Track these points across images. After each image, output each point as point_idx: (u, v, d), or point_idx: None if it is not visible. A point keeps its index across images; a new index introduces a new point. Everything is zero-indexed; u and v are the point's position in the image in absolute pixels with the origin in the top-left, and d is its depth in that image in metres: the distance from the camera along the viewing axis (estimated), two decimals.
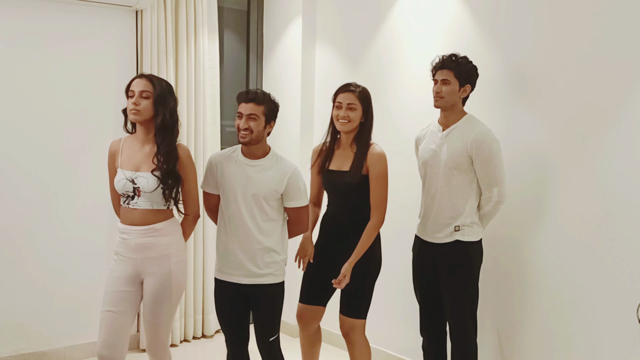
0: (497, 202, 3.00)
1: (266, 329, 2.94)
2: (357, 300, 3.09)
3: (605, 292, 2.93)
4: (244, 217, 2.86)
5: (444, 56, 3.02)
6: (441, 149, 3.03)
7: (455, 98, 3.00)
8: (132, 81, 2.79)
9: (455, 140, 2.99)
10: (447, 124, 3.06)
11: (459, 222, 3.00)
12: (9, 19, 3.68)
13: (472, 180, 3.00)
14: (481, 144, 2.92)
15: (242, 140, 2.85)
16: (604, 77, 2.91)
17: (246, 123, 2.82)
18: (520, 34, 3.23)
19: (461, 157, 2.96)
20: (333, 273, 3.07)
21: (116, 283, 2.81)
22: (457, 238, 3.01)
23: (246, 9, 4.67)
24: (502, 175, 2.98)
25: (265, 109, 2.85)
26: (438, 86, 3.00)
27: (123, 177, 2.78)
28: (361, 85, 3.12)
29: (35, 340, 3.87)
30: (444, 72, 2.99)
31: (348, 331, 3.13)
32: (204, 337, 4.47)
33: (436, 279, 3.10)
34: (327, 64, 4.41)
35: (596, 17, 2.93)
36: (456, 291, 3.02)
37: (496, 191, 2.97)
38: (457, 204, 3.00)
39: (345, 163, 3.09)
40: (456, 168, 2.98)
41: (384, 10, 3.98)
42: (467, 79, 3.00)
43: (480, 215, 3.06)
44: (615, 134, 2.87)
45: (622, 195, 2.85)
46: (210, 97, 4.37)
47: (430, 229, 3.09)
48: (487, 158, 2.93)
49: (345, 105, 3.04)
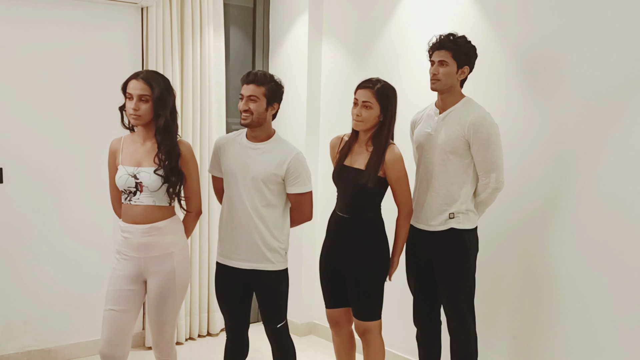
0: (494, 189, 2.90)
1: (271, 316, 2.93)
2: (367, 303, 3.03)
3: (624, 293, 2.85)
4: (243, 201, 2.84)
5: (441, 36, 2.90)
6: (437, 133, 2.93)
7: (453, 80, 2.89)
8: (129, 81, 2.75)
9: (452, 123, 2.89)
10: (444, 107, 2.95)
11: (454, 209, 2.91)
12: (15, 17, 3.67)
13: (468, 166, 2.90)
14: (479, 127, 2.82)
15: (243, 122, 2.83)
16: (619, 69, 2.84)
17: (246, 105, 2.80)
18: (529, 29, 3.18)
19: (458, 141, 2.86)
20: (345, 272, 3.04)
21: (119, 282, 2.81)
22: (452, 226, 2.92)
23: (252, 6, 4.64)
24: (501, 161, 2.87)
25: (266, 90, 2.80)
26: (435, 67, 2.89)
27: (125, 172, 2.77)
28: (384, 81, 2.96)
29: (41, 338, 3.88)
30: (442, 52, 2.86)
31: (363, 333, 3.07)
32: (210, 335, 4.46)
33: (430, 267, 3.02)
34: (333, 60, 4.38)
35: (609, 9, 2.87)
36: (452, 280, 2.94)
37: (494, 177, 2.87)
38: (452, 190, 2.91)
39: (359, 160, 2.98)
40: (452, 152, 2.88)
41: (391, 6, 3.94)
42: (465, 60, 2.87)
43: (476, 202, 2.96)
44: (629, 120, 2.79)
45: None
46: (216, 94, 4.35)
47: (423, 216, 3.00)
48: (485, 142, 2.83)
49: (361, 102, 2.91)
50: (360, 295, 3.02)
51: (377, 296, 3.05)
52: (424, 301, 3.13)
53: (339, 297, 3.14)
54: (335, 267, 3.09)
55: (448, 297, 2.98)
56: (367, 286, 3.01)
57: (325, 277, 3.15)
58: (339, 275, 3.09)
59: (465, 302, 2.96)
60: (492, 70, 3.30)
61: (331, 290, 3.15)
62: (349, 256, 3.01)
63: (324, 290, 3.19)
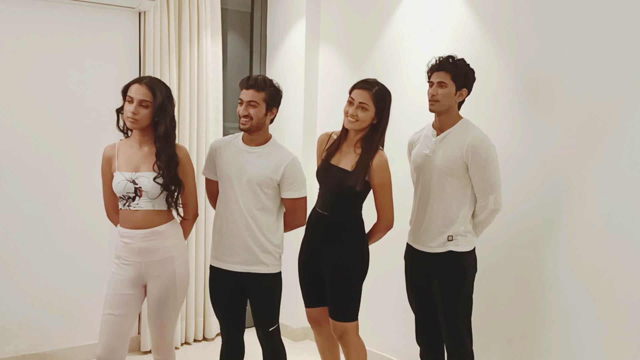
0: (492, 211, 2.90)
1: (264, 319, 2.92)
2: (345, 303, 3.03)
3: (616, 303, 2.87)
4: (238, 203, 2.84)
5: (440, 57, 2.91)
6: (435, 154, 2.93)
7: (451, 102, 2.89)
8: (131, 85, 2.75)
9: (450, 145, 2.89)
10: (442, 128, 2.95)
11: (452, 231, 2.91)
12: (12, 20, 3.67)
13: (466, 187, 2.90)
14: (477, 149, 2.82)
15: (242, 127, 2.82)
16: (616, 82, 2.85)
17: (246, 110, 2.79)
18: (526, 37, 3.19)
19: (456, 162, 2.86)
20: (324, 271, 3.04)
21: (119, 286, 2.80)
22: (451, 249, 2.92)
23: (249, 11, 4.65)
24: (499, 183, 2.88)
25: (266, 96, 2.80)
26: (434, 89, 2.90)
27: (123, 178, 2.76)
28: (381, 83, 2.96)
29: (36, 342, 3.87)
30: (441, 74, 2.87)
31: (341, 334, 3.07)
32: (205, 340, 4.46)
33: (430, 287, 3.03)
34: (330, 66, 4.39)
35: (606, 21, 2.89)
36: (450, 301, 2.94)
37: (492, 199, 2.87)
38: (451, 211, 2.90)
39: (345, 161, 2.98)
40: (450, 174, 2.88)
41: (388, 13, 3.96)
42: (464, 82, 2.88)
43: (474, 223, 2.97)
44: (628, 139, 2.81)
45: (636, 203, 2.80)
46: (213, 99, 4.36)
47: (422, 237, 3.00)
48: (484, 164, 2.83)
49: (357, 102, 2.90)
50: (338, 296, 3.02)
51: (355, 297, 3.04)
52: (425, 320, 3.12)
53: (317, 295, 3.14)
54: (313, 265, 3.08)
55: (445, 315, 2.98)
56: (345, 286, 3.01)
57: (304, 276, 3.16)
58: (316, 273, 3.08)
59: (461, 320, 2.96)
60: (489, 83, 3.30)
61: (309, 288, 3.16)
62: (328, 254, 3.01)
63: (302, 289, 3.19)
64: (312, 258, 3.09)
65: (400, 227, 3.54)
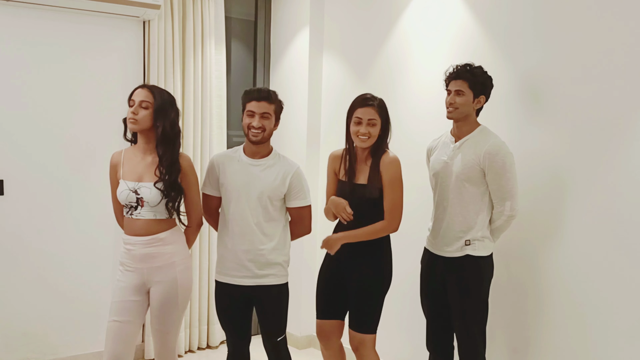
0: (509, 217, 2.92)
1: (273, 329, 2.93)
2: (366, 315, 3.03)
3: (624, 308, 2.85)
4: (247, 217, 2.85)
5: (458, 66, 2.95)
6: (453, 161, 2.97)
7: (469, 109, 2.93)
8: (135, 91, 2.82)
9: (468, 152, 2.92)
10: (460, 135, 2.99)
11: (470, 236, 2.93)
12: (18, 30, 3.70)
13: (484, 193, 2.93)
14: (494, 156, 2.85)
15: (254, 139, 2.84)
16: (618, 85, 2.85)
17: (260, 122, 2.82)
18: (529, 41, 3.20)
19: (473, 169, 2.89)
20: (347, 286, 3.04)
21: (123, 293, 2.82)
22: (468, 253, 2.94)
23: (253, 19, 4.67)
24: (515, 189, 2.90)
25: (275, 108, 2.87)
26: (452, 97, 2.94)
27: (126, 188, 2.79)
28: (377, 96, 3.01)
29: (41, 349, 3.88)
30: (458, 82, 2.91)
31: (357, 346, 3.06)
32: (209, 348, 4.46)
33: (445, 292, 3.03)
34: (334, 74, 4.40)
35: (607, 24, 2.89)
36: (466, 306, 2.95)
37: (509, 205, 2.89)
38: (469, 217, 2.93)
39: (361, 176, 3.01)
40: (468, 180, 2.91)
41: (392, 21, 3.97)
42: (481, 89, 2.93)
43: (491, 229, 2.99)
44: (630, 142, 2.81)
45: (639, 205, 2.78)
46: (217, 107, 4.37)
47: (440, 242, 3.03)
48: (500, 171, 2.86)
49: (366, 121, 2.93)
50: (360, 307, 3.02)
51: (376, 310, 3.05)
52: (438, 326, 3.13)
53: (333, 308, 3.14)
54: (336, 278, 3.09)
55: (460, 321, 2.98)
56: (368, 298, 3.01)
57: (322, 287, 3.16)
58: (338, 286, 3.09)
59: (477, 328, 2.96)
60: (495, 89, 3.29)
61: (325, 300, 3.15)
62: (353, 267, 3.01)
63: (318, 300, 3.19)
64: (336, 271, 3.09)
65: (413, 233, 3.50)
